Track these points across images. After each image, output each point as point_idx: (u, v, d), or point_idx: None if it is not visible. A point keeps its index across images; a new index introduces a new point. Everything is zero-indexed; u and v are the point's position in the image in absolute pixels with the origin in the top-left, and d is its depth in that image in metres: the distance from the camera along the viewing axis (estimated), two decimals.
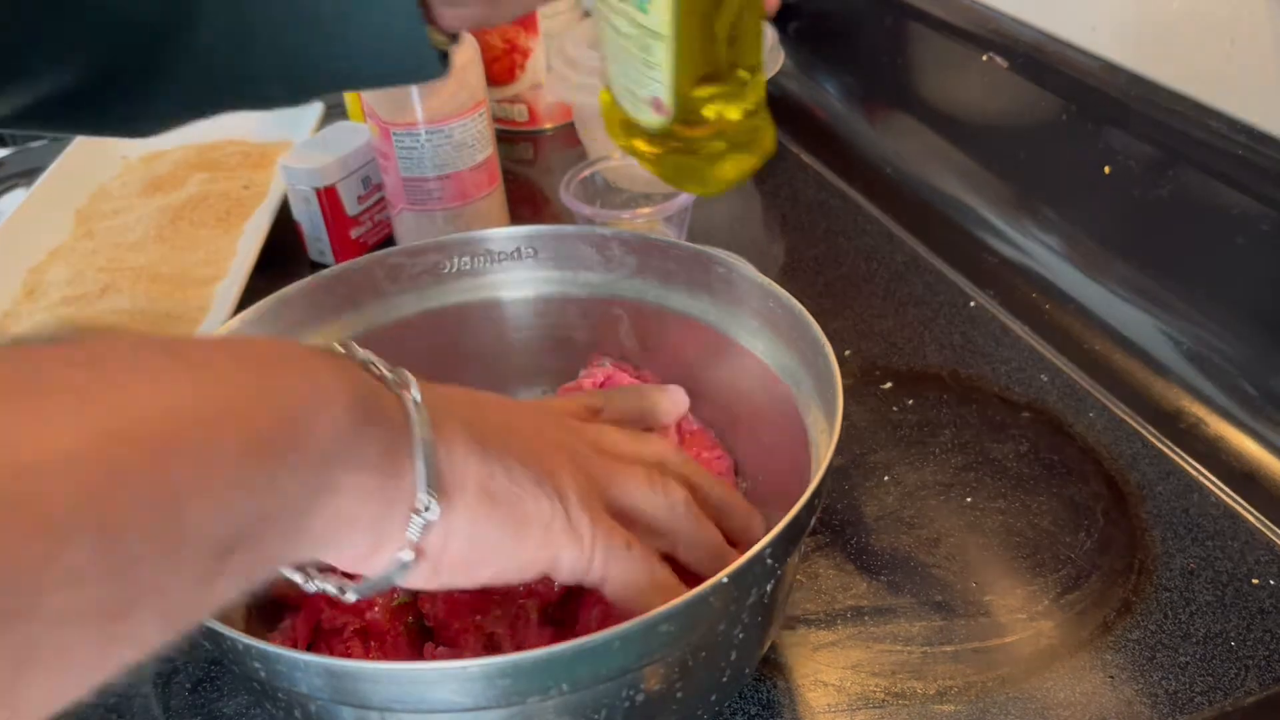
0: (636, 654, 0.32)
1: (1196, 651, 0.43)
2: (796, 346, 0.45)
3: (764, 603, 0.36)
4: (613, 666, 0.32)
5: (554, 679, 0.31)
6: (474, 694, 0.31)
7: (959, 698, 0.42)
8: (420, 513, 0.31)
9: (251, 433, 0.26)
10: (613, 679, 0.33)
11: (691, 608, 0.32)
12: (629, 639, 0.31)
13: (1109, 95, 0.60)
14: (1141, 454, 0.53)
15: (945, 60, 0.73)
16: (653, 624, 0.31)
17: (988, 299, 0.65)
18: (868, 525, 0.50)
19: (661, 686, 0.34)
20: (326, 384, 0.29)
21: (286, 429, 0.27)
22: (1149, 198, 0.59)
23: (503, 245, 0.51)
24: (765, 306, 0.46)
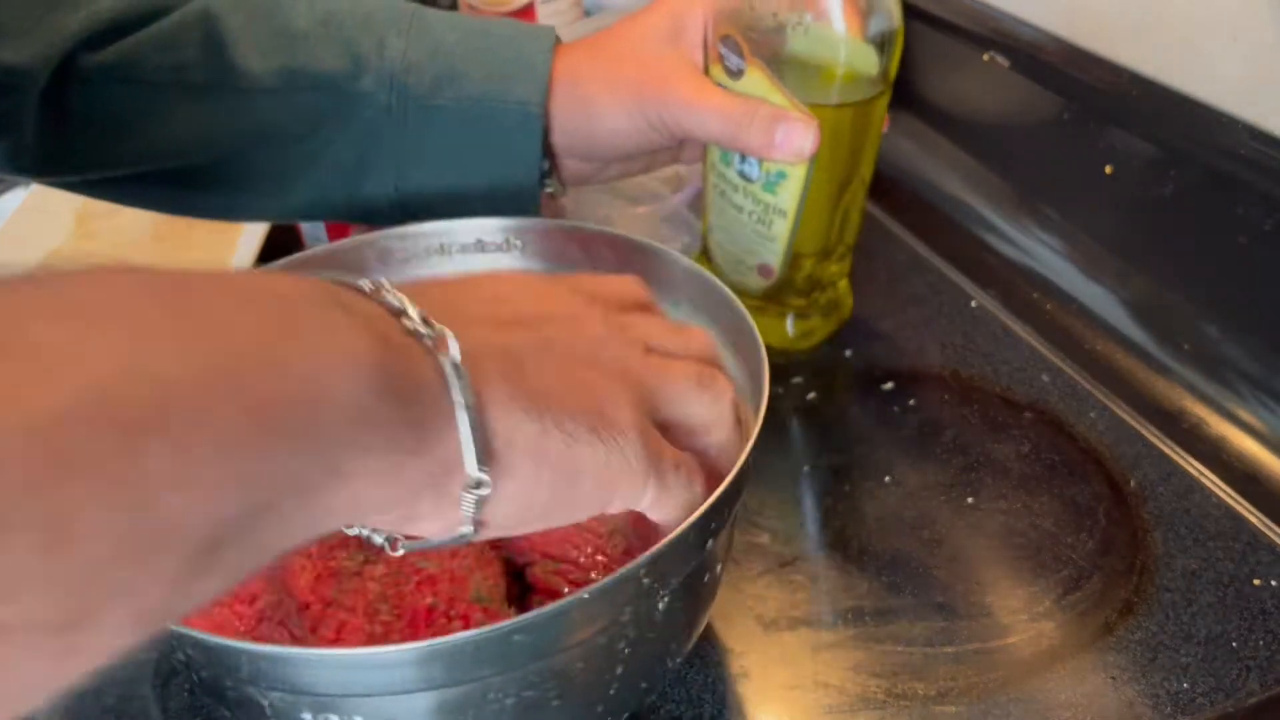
0: (567, 632, 0.32)
1: (1198, 652, 0.43)
2: (732, 337, 0.45)
3: (691, 585, 0.36)
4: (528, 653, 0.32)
5: (488, 661, 0.31)
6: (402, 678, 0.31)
7: (960, 698, 0.42)
8: (473, 490, 0.28)
9: (249, 410, 0.22)
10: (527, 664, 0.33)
11: (612, 588, 0.32)
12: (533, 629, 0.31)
13: (1110, 95, 0.60)
14: (1143, 454, 0.53)
15: (945, 60, 0.73)
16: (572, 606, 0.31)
17: (989, 299, 0.65)
18: (868, 526, 0.50)
19: (593, 664, 0.34)
20: (346, 347, 0.25)
21: (296, 404, 0.23)
22: (1150, 198, 0.59)
23: (492, 235, 0.51)
24: (701, 296, 0.47)
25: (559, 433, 0.29)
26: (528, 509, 0.30)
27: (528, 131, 0.51)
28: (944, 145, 0.74)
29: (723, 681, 0.44)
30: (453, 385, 0.27)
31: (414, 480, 0.27)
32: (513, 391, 0.29)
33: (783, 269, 0.55)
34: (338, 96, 0.51)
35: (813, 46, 0.49)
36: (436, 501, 0.28)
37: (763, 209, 0.53)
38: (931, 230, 0.71)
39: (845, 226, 0.55)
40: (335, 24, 0.51)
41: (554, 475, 0.30)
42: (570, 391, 0.30)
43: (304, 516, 0.25)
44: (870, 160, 0.54)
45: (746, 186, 0.53)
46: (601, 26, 0.81)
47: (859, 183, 0.54)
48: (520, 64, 0.51)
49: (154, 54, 0.49)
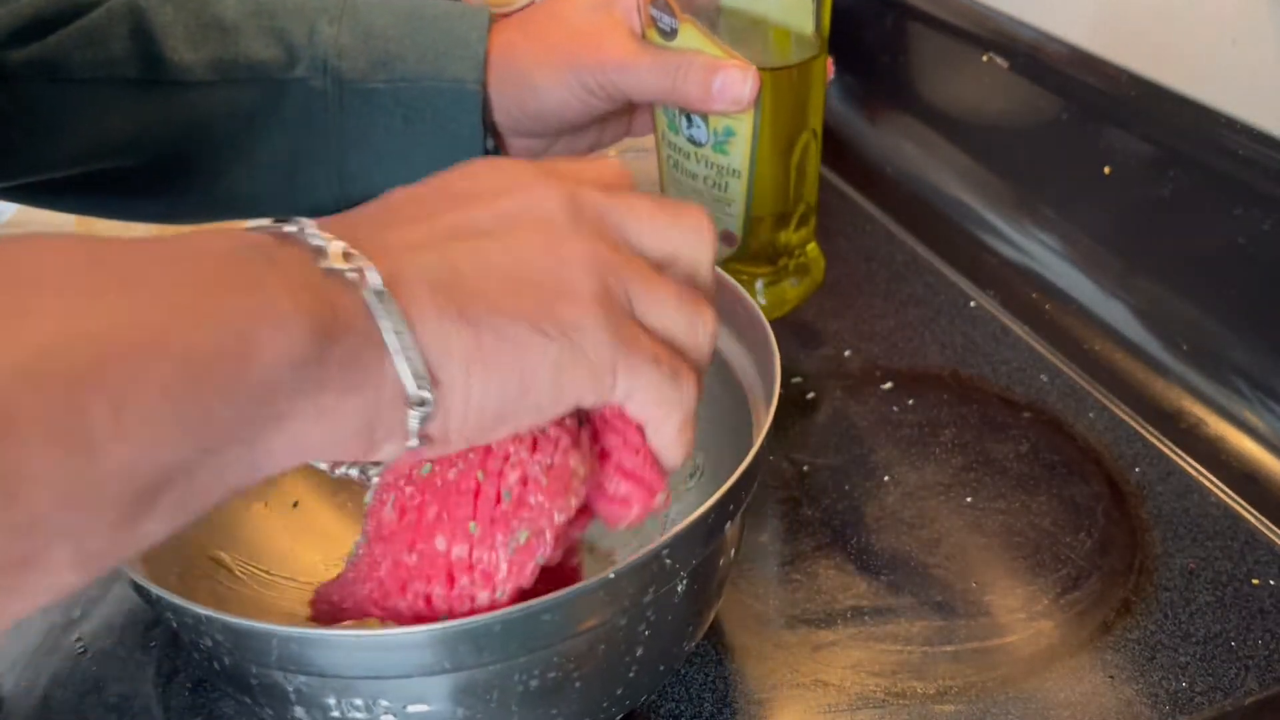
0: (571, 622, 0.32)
1: (1197, 651, 0.43)
2: (743, 332, 0.45)
3: (707, 568, 0.37)
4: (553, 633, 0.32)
5: (505, 645, 0.31)
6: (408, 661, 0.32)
7: (959, 697, 0.42)
8: (416, 406, 0.28)
9: (184, 363, 0.24)
10: (544, 648, 0.33)
11: (638, 567, 0.32)
12: (559, 608, 0.31)
13: (1109, 95, 0.60)
14: (1142, 454, 0.53)
15: (945, 60, 0.73)
16: (590, 589, 0.31)
17: (988, 299, 0.65)
18: (868, 525, 0.50)
19: (600, 655, 0.35)
20: (275, 298, 0.26)
21: (227, 357, 0.24)
22: (1149, 198, 0.59)
23: None
24: None
25: (496, 337, 0.29)
26: (481, 416, 0.30)
27: (466, 109, 0.51)
28: (943, 146, 0.74)
29: (723, 680, 0.44)
30: (377, 315, 0.27)
31: (357, 415, 0.28)
32: (443, 305, 0.29)
33: (744, 233, 0.54)
34: (271, 86, 0.50)
35: (743, 3, 0.49)
36: (390, 428, 0.28)
37: (716, 172, 0.53)
38: (931, 230, 0.71)
39: (802, 182, 0.54)
40: (266, 13, 0.51)
41: (501, 380, 0.29)
42: (511, 292, 0.30)
43: (244, 460, 0.26)
44: (818, 110, 0.53)
45: (697, 151, 0.52)
46: None
47: (809, 135, 0.53)
48: (454, 42, 0.51)
49: (81, 50, 0.49)
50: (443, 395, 0.29)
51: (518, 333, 0.29)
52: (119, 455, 0.23)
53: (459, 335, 0.29)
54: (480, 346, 0.29)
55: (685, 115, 0.52)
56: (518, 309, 0.29)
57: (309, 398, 0.26)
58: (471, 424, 0.30)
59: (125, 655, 0.46)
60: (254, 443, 0.26)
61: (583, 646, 0.34)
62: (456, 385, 0.29)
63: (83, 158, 0.51)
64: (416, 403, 0.28)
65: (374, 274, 0.28)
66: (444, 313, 0.29)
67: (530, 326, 0.29)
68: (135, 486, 0.23)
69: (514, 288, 0.30)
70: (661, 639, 0.37)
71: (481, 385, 0.29)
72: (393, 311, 0.28)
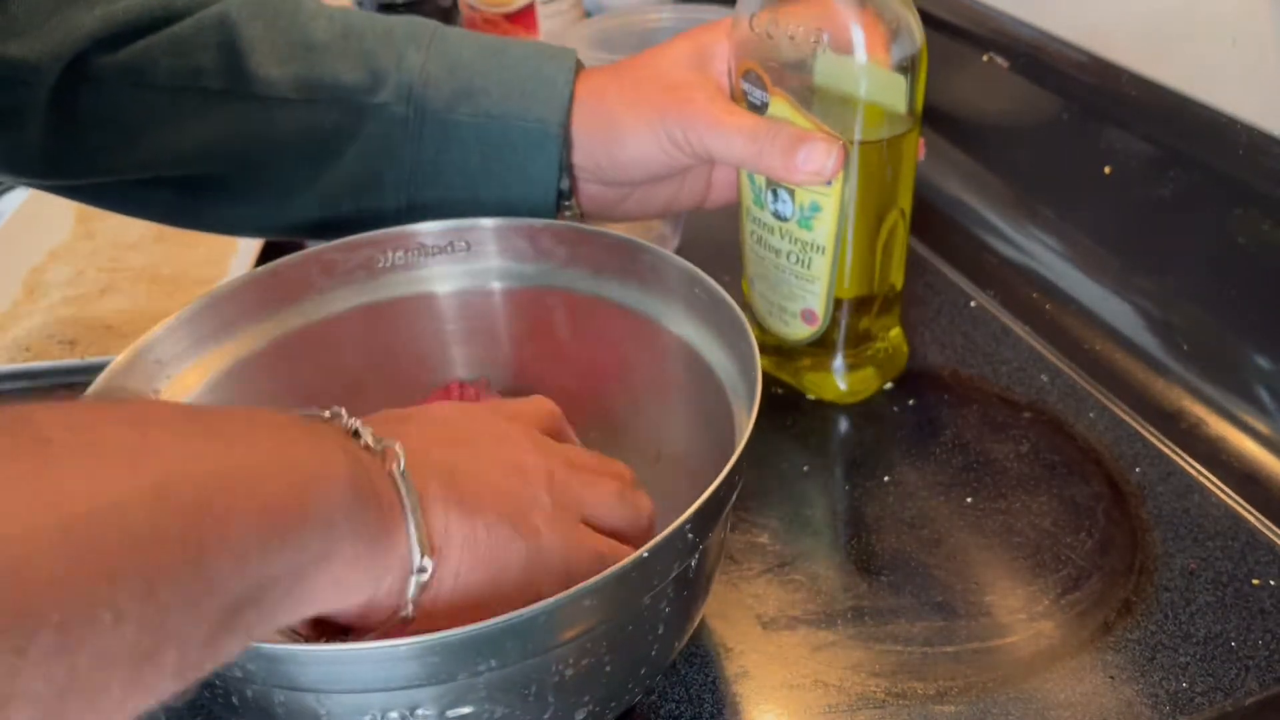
0: (562, 628, 0.33)
1: (1197, 652, 0.43)
2: (722, 331, 0.45)
3: (688, 577, 0.37)
4: (540, 641, 0.33)
5: (482, 656, 0.32)
6: (405, 673, 0.32)
7: (959, 698, 0.42)
8: (417, 574, 0.33)
9: (269, 499, 0.28)
10: (541, 654, 0.33)
11: (614, 581, 0.33)
12: (554, 613, 0.32)
13: (1109, 95, 0.60)
14: (1142, 454, 0.53)
15: (945, 60, 0.73)
16: (576, 597, 0.32)
17: (988, 299, 0.65)
18: (868, 525, 0.50)
19: (591, 660, 0.35)
20: (330, 457, 0.31)
21: (298, 498, 0.29)
22: (1149, 198, 0.59)
23: (435, 239, 0.51)
24: (691, 293, 0.46)
25: (486, 531, 0.35)
26: (462, 595, 0.34)
27: (545, 151, 0.51)
28: (944, 146, 0.74)
29: (722, 680, 0.44)
30: (401, 488, 0.33)
31: (378, 565, 0.32)
32: (447, 495, 0.34)
33: (826, 314, 0.53)
34: (353, 109, 0.50)
35: (837, 78, 0.48)
36: (391, 586, 0.33)
37: (800, 247, 0.52)
38: (931, 230, 0.71)
39: (888, 263, 0.54)
40: (355, 36, 0.51)
41: (485, 565, 0.34)
42: (496, 497, 0.35)
43: (299, 591, 0.30)
44: (907, 189, 0.53)
45: (782, 226, 0.52)
46: (603, 27, 0.82)
47: (897, 214, 0.52)
48: (540, 82, 0.51)
49: (168, 58, 0.49)
50: (438, 570, 0.33)
51: (500, 529, 0.35)
52: (222, 567, 0.26)
53: (458, 521, 0.34)
54: (474, 533, 0.34)
55: (771, 189, 0.51)
56: (501, 514, 0.35)
57: (349, 543, 0.30)
58: (450, 602, 0.34)
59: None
60: (308, 576, 0.29)
61: (615, 628, 0.35)
62: (450, 562, 0.34)
63: (157, 164, 0.51)
64: (418, 569, 0.33)
65: (401, 454, 0.33)
66: (448, 500, 0.34)
67: (510, 529, 0.35)
68: (230, 597, 0.27)
69: (499, 495, 0.36)
70: (679, 613, 0.38)
71: (470, 567, 0.34)
72: (411, 489, 0.33)
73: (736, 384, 0.44)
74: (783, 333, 0.56)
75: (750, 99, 0.50)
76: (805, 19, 0.48)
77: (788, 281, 0.54)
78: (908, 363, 0.59)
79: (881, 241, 0.52)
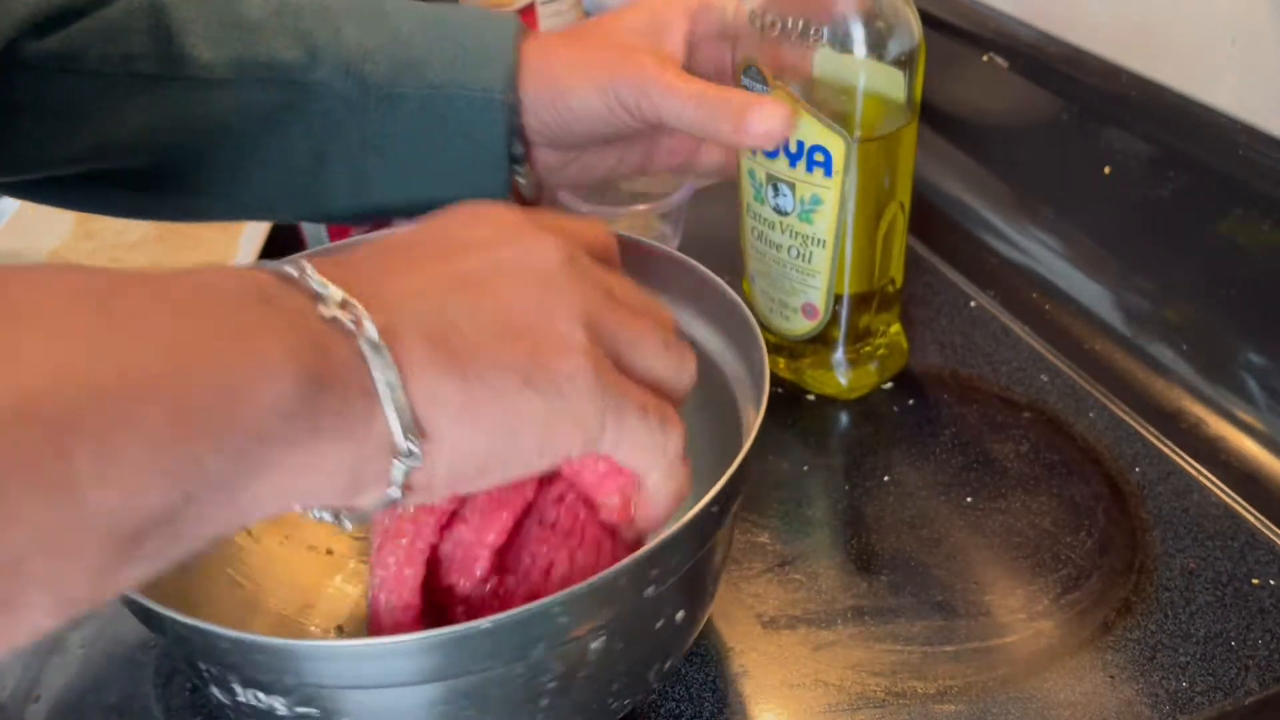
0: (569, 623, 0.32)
1: (1197, 651, 0.43)
2: (731, 333, 0.45)
3: (695, 575, 0.37)
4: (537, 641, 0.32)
5: (488, 653, 0.31)
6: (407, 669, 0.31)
7: (959, 697, 0.42)
8: (402, 458, 0.29)
9: (172, 411, 0.24)
10: (534, 655, 0.33)
11: (613, 578, 0.32)
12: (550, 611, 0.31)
13: (1109, 95, 0.60)
14: (1142, 454, 0.53)
15: (945, 60, 0.73)
16: (582, 593, 0.31)
17: (988, 299, 0.65)
18: (868, 525, 0.50)
19: (595, 658, 0.35)
20: (270, 348, 0.26)
21: (219, 405, 0.25)
22: (1150, 198, 0.59)
23: None
24: (700, 293, 0.46)
25: (487, 391, 0.29)
26: (465, 468, 0.30)
27: (492, 119, 0.50)
28: (943, 146, 0.74)
29: (723, 680, 0.44)
30: (372, 365, 0.28)
31: (343, 464, 0.28)
32: (434, 356, 0.29)
33: (827, 308, 0.54)
34: (293, 87, 0.50)
35: (836, 72, 0.49)
36: (374, 477, 0.29)
37: (801, 242, 0.53)
38: (931, 230, 0.71)
39: (888, 258, 0.54)
40: (290, 13, 0.50)
41: (489, 433, 0.30)
42: (504, 345, 0.30)
43: (227, 508, 0.26)
44: (906, 183, 0.53)
45: (783, 221, 0.52)
46: None
47: (896, 207, 0.53)
48: (483, 51, 0.50)
49: (101, 43, 0.48)
50: (430, 447, 0.29)
51: (508, 386, 0.30)
52: (102, 502, 0.23)
53: (450, 388, 0.29)
54: (470, 399, 0.29)
55: (772, 184, 0.52)
56: (510, 361, 0.30)
57: (298, 447, 0.26)
58: (455, 476, 0.30)
59: (125, 655, 0.46)
60: (239, 490, 0.26)
61: (633, 613, 0.35)
62: (444, 437, 0.29)
63: (95, 154, 0.50)
64: (404, 454, 0.29)
65: (370, 325, 0.28)
66: (437, 364, 0.29)
67: (521, 380, 0.30)
68: (118, 534, 0.23)
69: (506, 340, 0.30)
70: (692, 595, 0.38)
71: (469, 438, 0.30)
72: (387, 363, 0.28)
73: (743, 383, 0.44)
74: (784, 329, 0.56)
75: (750, 91, 0.51)
76: (805, 13, 0.48)
77: (789, 276, 0.54)
78: (908, 362, 0.59)
79: (881, 235, 0.53)
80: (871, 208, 0.52)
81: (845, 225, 0.51)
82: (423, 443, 0.29)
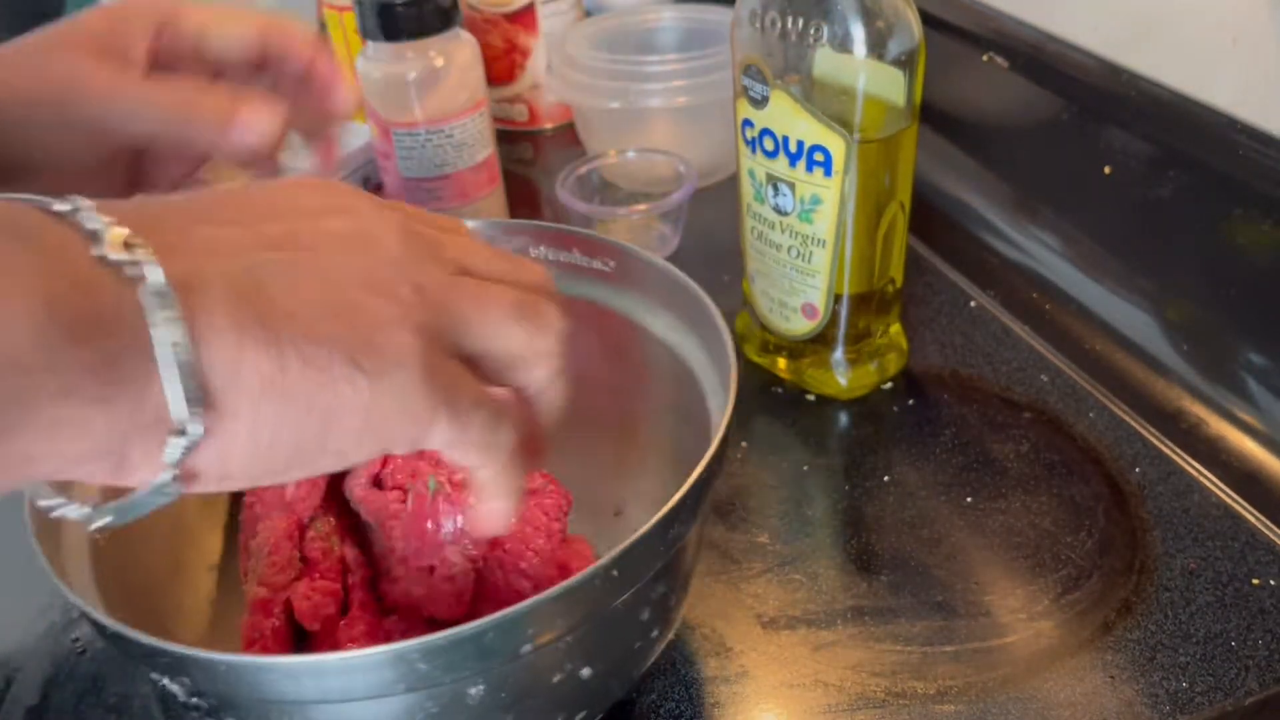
0: (540, 628, 0.32)
1: (1197, 651, 0.43)
2: (696, 328, 0.44)
3: (667, 577, 0.37)
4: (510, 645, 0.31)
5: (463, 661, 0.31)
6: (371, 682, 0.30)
7: (959, 697, 0.42)
8: (180, 434, 0.24)
9: None
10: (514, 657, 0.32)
11: (586, 581, 0.31)
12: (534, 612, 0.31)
13: (1109, 95, 0.60)
14: (1142, 454, 0.53)
15: (945, 60, 0.73)
16: (556, 595, 0.31)
17: (988, 299, 0.65)
18: (868, 525, 0.50)
19: (571, 662, 0.34)
20: (9, 288, 0.22)
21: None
22: (1149, 198, 0.59)
23: None
24: (664, 288, 0.46)
25: (303, 366, 0.25)
26: (268, 456, 0.26)
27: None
28: (943, 145, 0.74)
29: (723, 680, 0.44)
30: (151, 319, 0.23)
31: (109, 430, 0.24)
32: (240, 319, 0.25)
33: (827, 308, 0.54)
34: None
35: (836, 72, 0.49)
36: (146, 453, 0.24)
37: (800, 242, 0.53)
38: (931, 230, 0.71)
39: (888, 258, 0.54)
40: None
41: (299, 417, 0.26)
42: (327, 316, 0.26)
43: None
44: (906, 183, 0.53)
45: (783, 221, 0.53)
46: (603, 27, 0.81)
47: (896, 207, 0.53)
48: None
49: None
50: (224, 426, 0.25)
51: (330, 361, 0.26)
52: None
53: (257, 358, 0.25)
54: (282, 374, 0.25)
55: (772, 184, 0.52)
56: (332, 336, 0.26)
57: (41, 408, 0.22)
58: (259, 464, 0.26)
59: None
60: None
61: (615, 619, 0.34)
62: (242, 416, 0.25)
63: None
64: (177, 430, 0.24)
65: (155, 269, 0.24)
66: (243, 329, 0.25)
67: (344, 358, 0.26)
68: None
69: (330, 312, 0.26)
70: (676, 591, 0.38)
71: (275, 420, 0.25)
72: (172, 318, 0.24)
73: (710, 379, 0.43)
74: (784, 329, 0.56)
75: (750, 93, 0.51)
76: (805, 13, 0.48)
77: (789, 276, 0.54)
78: (908, 362, 0.59)
79: (881, 235, 0.53)
80: (871, 208, 0.52)
81: (845, 225, 0.51)
82: (214, 419, 0.25)
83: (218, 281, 0.25)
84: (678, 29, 0.82)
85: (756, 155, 0.52)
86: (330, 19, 0.81)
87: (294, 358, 0.25)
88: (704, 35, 0.80)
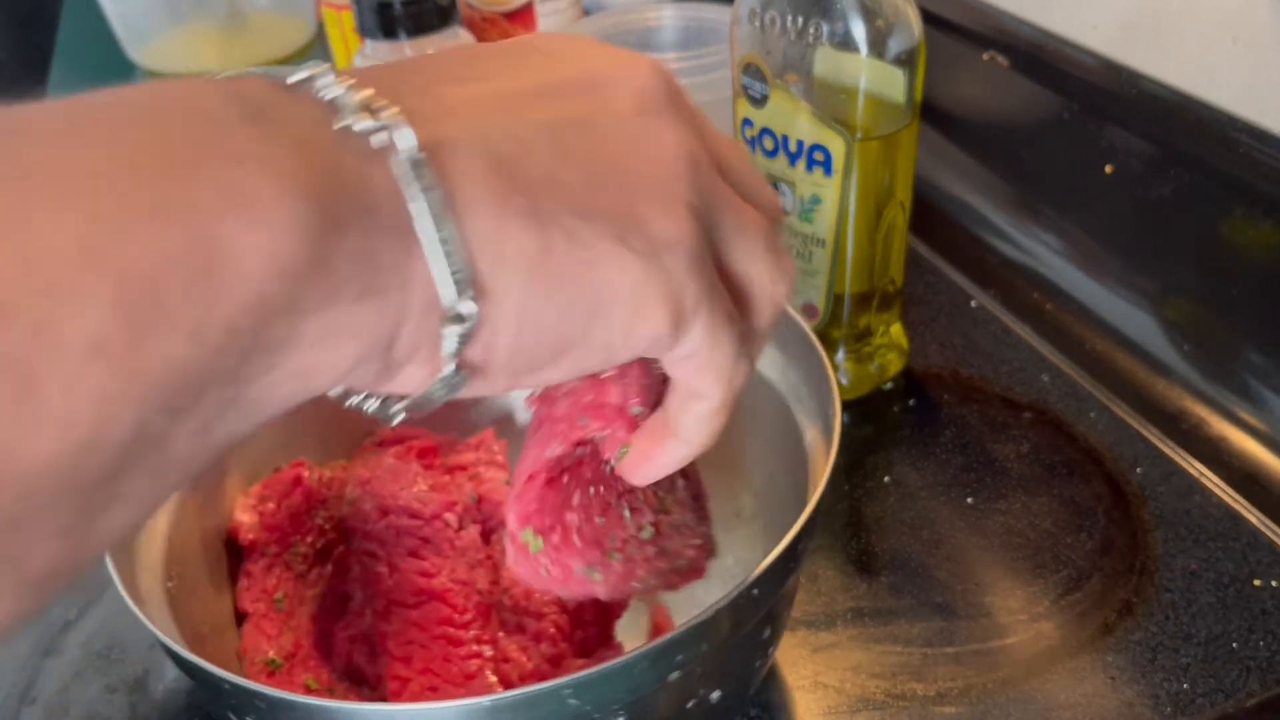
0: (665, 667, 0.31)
1: (1198, 653, 0.43)
2: (796, 361, 0.43)
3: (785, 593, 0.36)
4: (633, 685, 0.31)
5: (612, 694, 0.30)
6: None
7: (959, 699, 0.42)
8: (457, 320, 0.21)
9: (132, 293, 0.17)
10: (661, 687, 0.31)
11: (731, 602, 0.31)
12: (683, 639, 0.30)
13: (1110, 94, 0.60)
14: (1143, 455, 0.53)
15: (945, 59, 0.73)
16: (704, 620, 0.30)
17: (989, 299, 0.65)
18: (868, 526, 0.50)
19: (704, 687, 0.34)
20: (255, 183, 0.18)
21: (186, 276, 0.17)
22: (1150, 197, 0.59)
23: None
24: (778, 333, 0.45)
25: (568, 242, 0.22)
26: (532, 348, 0.23)
27: None
28: (944, 145, 0.74)
29: None
30: (409, 194, 0.20)
31: (371, 331, 0.21)
32: (504, 189, 0.21)
33: (827, 307, 0.54)
34: None
35: (836, 71, 0.49)
36: (415, 348, 0.22)
37: (800, 241, 0.53)
38: (932, 229, 0.71)
39: (888, 257, 0.54)
40: None
41: (568, 299, 0.22)
42: (597, 184, 0.23)
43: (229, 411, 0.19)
44: (907, 182, 0.53)
45: None
46: (601, 26, 0.81)
47: (896, 207, 0.53)
48: None
49: None
50: (491, 310, 0.22)
51: (597, 239, 0.22)
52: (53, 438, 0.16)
53: (522, 232, 0.21)
54: (548, 250, 0.22)
55: (772, 183, 0.52)
56: (598, 210, 0.22)
57: (311, 315, 0.19)
58: (522, 355, 0.23)
59: (123, 656, 0.46)
60: (240, 384, 0.19)
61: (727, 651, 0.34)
62: (510, 298, 0.22)
63: None
64: (453, 317, 0.21)
65: (406, 133, 0.21)
66: (505, 200, 0.21)
67: (614, 234, 0.22)
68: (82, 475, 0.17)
69: (598, 179, 0.23)
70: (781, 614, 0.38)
71: (542, 304, 0.22)
72: (433, 191, 0.20)
73: (806, 415, 0.42)
74: None
75: (750, 92, 0.51)
76: (805, 12, 0.48)
77: None
78: (908, 362, 0.59)
79: (881, 235, 0.53)
80: (871, 207, 0.51)
81: (845, 225, 0.51)
82: (482, 303, 0.21)
83: (474, 147, 0.22)
84: (676, 27, 0.82)
85: (756, 154, 0.52)
86: (329, 17, 0.81)
87: (558, 233, 0.22)
88: (703, 34, 0.80)
